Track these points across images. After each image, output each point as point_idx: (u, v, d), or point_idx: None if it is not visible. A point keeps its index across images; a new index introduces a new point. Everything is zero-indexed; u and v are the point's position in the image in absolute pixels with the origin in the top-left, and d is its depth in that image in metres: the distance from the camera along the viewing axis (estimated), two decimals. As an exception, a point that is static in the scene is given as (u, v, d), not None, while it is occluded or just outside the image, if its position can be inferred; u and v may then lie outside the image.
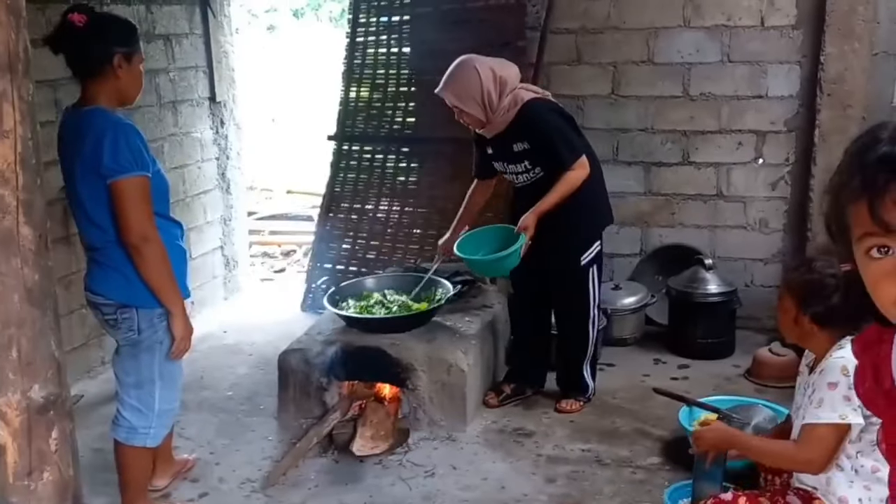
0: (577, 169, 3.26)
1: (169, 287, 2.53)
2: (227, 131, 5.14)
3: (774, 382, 3.71)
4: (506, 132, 3.31)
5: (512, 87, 3.26)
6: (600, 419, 3.50)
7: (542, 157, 3.28)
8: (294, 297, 5.06)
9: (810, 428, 2.16)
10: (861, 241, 0.96)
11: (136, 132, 2.49)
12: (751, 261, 4.40)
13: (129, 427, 2.68)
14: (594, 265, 3.46)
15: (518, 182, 3.43)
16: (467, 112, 3.27)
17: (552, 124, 3.27)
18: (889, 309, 0.97)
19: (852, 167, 0.98)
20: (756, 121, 4.28)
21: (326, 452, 3.28)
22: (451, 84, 3.26)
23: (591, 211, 3.43)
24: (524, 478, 3.07)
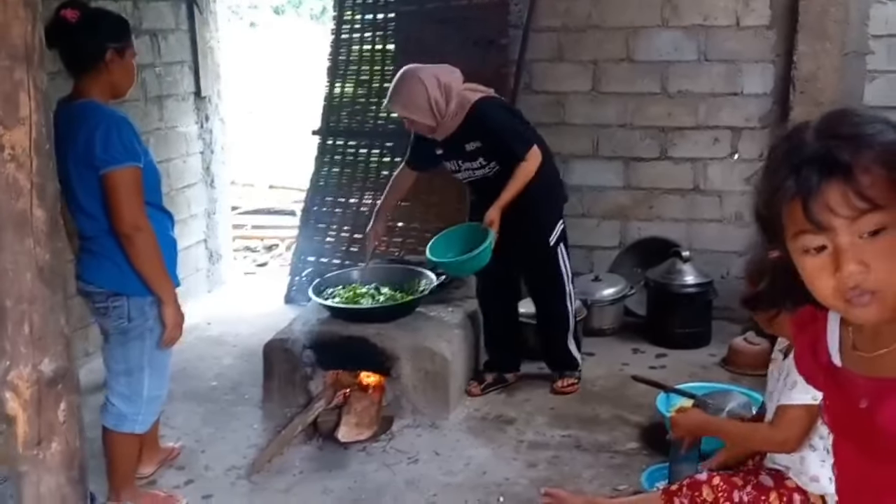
0: (530, 159, 3.37)
1: (160, 276, 2.57)
2: (211, 126, 5.17)
3: (749, 370, 3.80)
4: (457, 133, 3.41)
5: (457, 90, 3.37)
6: (580, 406, 3.58)
7: (496, 152, 3.39)
8: (277, 290, 5.10)
9: (784, 409, 2.23)
10: (796, 239, 1.00)
11: (129, 124, 2.54)
12: (726, 253, 4.50)
13: (118, 414, 2.72)
14: (561, 242, 3.59)
15: (474, 177, 3.53)
16: (417, 121, 3.38)
17: (501, 121, 3.40)
18: (828, 300, 1.01)
19: (784, 168, 0.99)
20: (731, 117, 4.39)
21: (311, 440, 3.33)
22: (398, 96, 3.39)
23: (549, 193, 3.56)
24: (506, 463, 3.14)
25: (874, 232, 0.95)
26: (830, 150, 0.96)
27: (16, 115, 1.51)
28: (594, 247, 4.65)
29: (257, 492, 3.03)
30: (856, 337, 1.12)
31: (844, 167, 0.95)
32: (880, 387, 1.08)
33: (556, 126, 4.51)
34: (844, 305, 1.00)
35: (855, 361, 1.13)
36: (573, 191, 4.52)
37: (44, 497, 1.64)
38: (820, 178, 0.95)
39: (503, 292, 3.75)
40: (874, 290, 0.97)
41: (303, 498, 2.97)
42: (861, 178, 0.94)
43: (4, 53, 1.49)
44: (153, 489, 3.00)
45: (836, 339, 1.17)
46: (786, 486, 2.29)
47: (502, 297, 3.76)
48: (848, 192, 0.94)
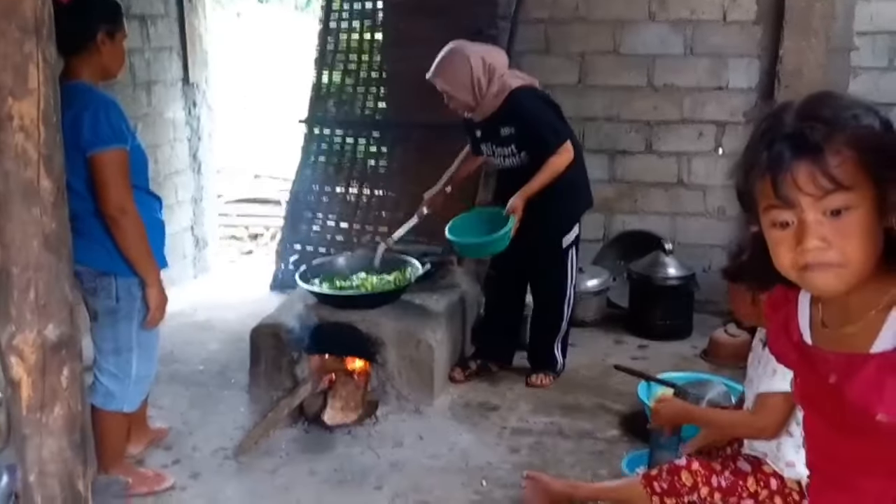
0: (561, 154, 3.38)
1: (145, 258, 2.59)
2: (199, 113, 5.17)
3: (729, 362, 3.86)
4: (493, 117, 3.42)
5: (500, 73, 3.37)
6: (563, 394, 3.64)
7: (528, 142, 3.40)
8: (263, 277, 5.12)
9: (764, 397, 2.28)
10: (766, 213, 1.06)
11: (117, 107, 2.56)
12: (709, 247, 4.57)
13: (107, 392, 2.74)
14: (573, 247, 3.61)
15: (505, 165, 3.54)
16: (457, 98, 3.38)
17: (537, 111, 3.41)
18: (787, 271, 1.07)
19: (759, 145, 1.05)
20: (717, 112, 4.45)
21: (297, 423, 3.36)
22: (442, 70, 3.37)
23: (574, 195, 3.57)
24: (488, 448, 3.19)
25: (837, 211, 1.00)
26: (804, 130, 1.01)
27: (25, 86, 1.54)
28: (579, 238, 4.69)
29: (244, 472, 3.06)
30: (825, 314, 1.17)
31: (815, 147, 0.99)
32: (849, 362, 1.12)
33: (543, 118, 4.54)
34: (800, 273, 1.05)
35: (824, 338, 1.17)
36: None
37: (46, 460, 1.68)
38: (791, 155, 1.00)
39: (515, 286, 3.77)
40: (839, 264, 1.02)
41: (289, 478, 3.00)
42: (830, 159, 0.99)
43: (15, 26, 1.52)
44: (141, 469, 3.02)
45: (806, 317, 1.22)
46: (763, 472, 2.35)
47: (512, 291, 3.78)
48: (816, 172, 0.99)
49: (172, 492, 2.91)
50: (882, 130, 1.03)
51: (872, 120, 1.03)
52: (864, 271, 1.04)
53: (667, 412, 2.59)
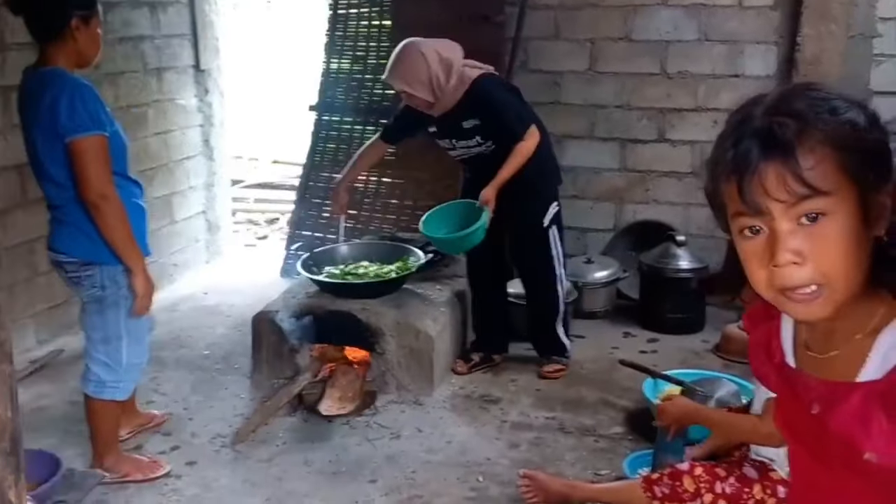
0: (528, 139, 3.35)
1: (128, 244, 2.58)
2: (211, 99, 5.17)
3: (742, 358, 3.75)
4: (454, 110, 3.37)
5: (457, 66, 3.33)
6: (566, 388, 3.58)
7: (493, 130, 3.36)
8: (274, 262, 5.12)
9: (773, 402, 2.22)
10: (734, 220, 0.93)
11: (93, 92, 2.55)
12: (722, 239, 4.39)
13: (98, 381, 2.75)
14: (554, 225, 3.56)
15: (469, 155, 3.50)
16: (415, 96, 3.34)
17: (501, 99, 3.36)
18: (763, 291, 0.94)
19: (727, 142, 0.92)
20: (732, 100, 4.21)
21: (296, 412, 3.36)
22: (398, 69, 3.34)
23: (544, 174, 3.54)
24: (488, 442, 3.15)
25: (814, 217, 0.87)
26: (772, 126, 0.88)
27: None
28: (587, 229, 4.63)
29: (240, 461, 3.05)
30: (809, 336, 1.05)
31: (785, 145, 0.87)
32: (832, 390, 1.00)
33: (552, 106, 4.47)
34: (781, 299, 0.92)
35: (809, 362, 1.06)
36: (567, 172, 4.46)
37: None
38: (758, 155, 0.88)
39: (493, 272, 3.75)
40: (819, 283, 0.89)
41: (284, 468, 3.00)
42: (803, 160, 0.86)
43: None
44: (138, 454, 3.03)
45: (790, 337, 1.10)
46: (770, 479, 2.26)
47: (492, 278, 3.76)
48: (786, 174, 0.86)
49: (168, 479, 2.91)
50: (864, 126, 0.90)
51: (855, 114, 0.90)
52: (850, 288, 0.91)
53: (673, 411, 2.51)
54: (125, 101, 4.45)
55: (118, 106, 4.38)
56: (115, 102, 4.36)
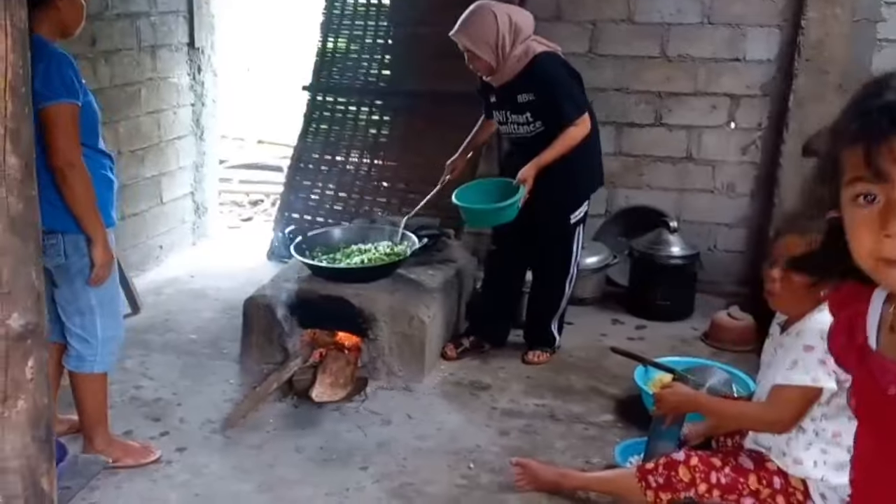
0: (578, 125, 3.28)
1: (91, 214, 2.57)
2: (203, 78, 5.08)
3: (731, 346, 3.78)
4: (513, 82, 3.30)
5: (525, 35, 3.26)
6: (556, 376, 3.57)
7: (545, 110, 3.29)
8: (261, 245, 5.07)
9: (780, 389, 2.17)
10: (850, 186, 0.95)
11: (70, 62, 2.53)
12: (715, 225, 4.45)
13: (77, 355, 2.75)
14: (581, 224, 3.51)
15: (517, 134, 3.43)
16: (479, 57, 3.26)
17: (559, 79, 3.29)
18: (864, 260, 0.96)
19: (853, 112, 0.96)
20: (732, 84, 4.29)
21: (286, 397, 3.33)
22: (467, 27, 3.25)
23: (586, 171, 3.47)
24: (478, 429, 3.14)
25: None
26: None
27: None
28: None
29: (230, 447, 3.03)
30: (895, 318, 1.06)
31: None
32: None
33: (549, 89, 4.41)
34: (883, 268, 0.94)
35: (890, 345, 1.07)
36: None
37: (8, 457, 1.59)
38: (888, 126, 0.91)
39: (517, 263, 3.68)
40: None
41: (274, 454, 2.98)
42: None
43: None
44: (127, 440, 3.00)
45: (876, 320, 1.10)
46: (766, 469, 2.26)
47: (514, 269, 3.69)
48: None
49: (158, 465, 2.89)
50: None
51: None
52: None
53: (672, 399, 2.46)
54: (120, 80, 4.37)
55: (113, 85, 4.31)
56: (111, 81, 4.29)
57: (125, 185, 4.50)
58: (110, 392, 3.27)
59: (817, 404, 2.17)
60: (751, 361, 3.59)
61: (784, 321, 2.32)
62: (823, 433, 2.18)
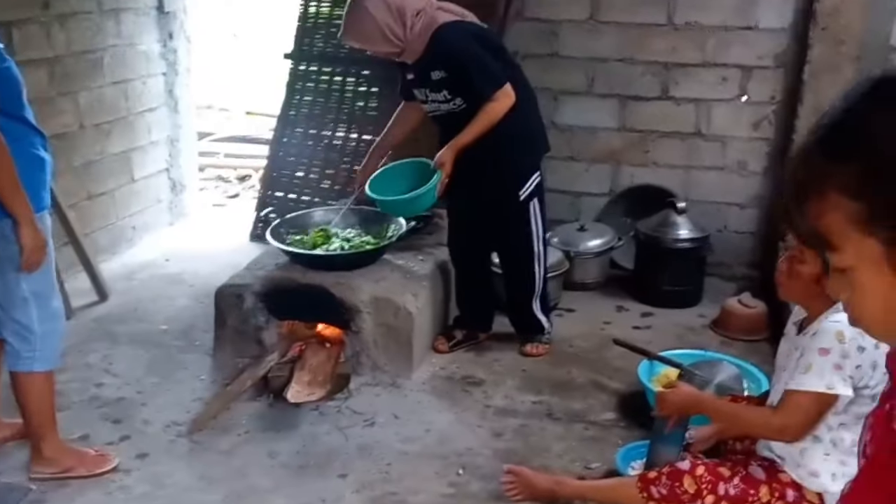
0: (498, 100, 3.00)
1: (14, 193, 2.30)
2: (176, 45, 4.76)
3: (742, 335, 3.53)
4: (423, 58, 3.04)
5: (416, 10, 2.99)
6: (554, 369, 3.31)
7: (461, 86, 3.01)
8: (244, 225, 4.78)
9: (792, 394, 1.97)
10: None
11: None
12: (726, 205, 4.17)
13: (14, 353, 2.50)
14: (534, 198, 3.22)
15: (440, 112, 3.15)
16: (377, 50, 3.06)
17: (467, 51, 2.99)
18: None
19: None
20: (743, 54, 3.98)
21: (261, 396, 3.07)
22: (348, 29, 3.07)
23: (524, 142, 3.18)
24: (469, 430, 2.88)
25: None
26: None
27: None
28: (581, 193, 4.31)
29: (197, 452, 2.78)
30: None
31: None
32: None
33: (548, 58, 4.12)
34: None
35: None
36: (562, 131, 4.18)
37: None
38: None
39: (474, 245, 3.41)
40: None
41: (245, 461, 2.73)
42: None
43: None
44: (84, 445, 2.74)
45: None
46: (779, 480, 2.07)
47: (473, 250, 3.43)
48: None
49: (115, 474, 2.63)
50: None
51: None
52: None
53: (675, 400, 2.24)
54: (79, 47, 4.04)
55: (71, 52, 3.99)
56: (68, 48, 3.96)
57: (90, 161, 4.23)
58: (68, 391, 3.04)
59: (833, 412, 1.98)
60: (762, 352, 3.38)
61: (801, 320, 2.12)
62: (841, 443, 2.00)
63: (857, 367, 1.92)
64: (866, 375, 1.93)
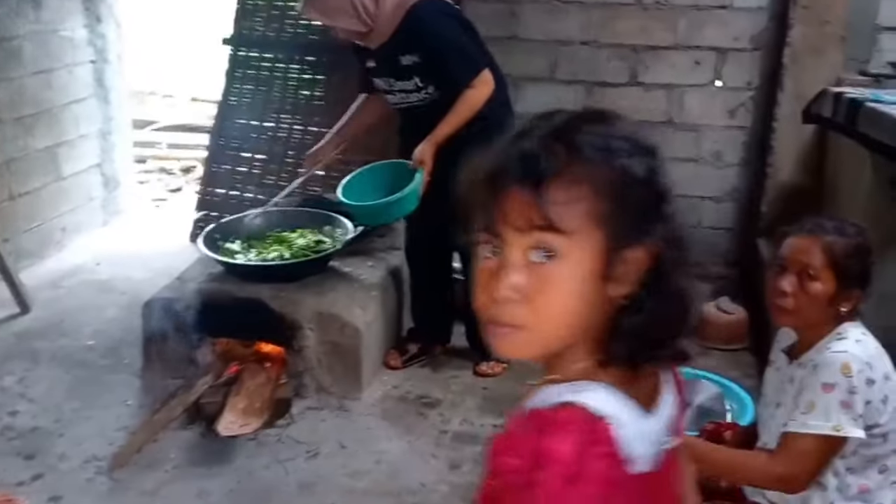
0: (478, 87, 2.71)
1: None
2: (104, 30, 4.37)
3: (721, 344, 3.27)
4: (391, 41, 2.71)
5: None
6: (518, 385, 3.01)
7: (435, 72, 2.70)
8: (185, 223, 4.42)
9: (794, 437, 1.68)
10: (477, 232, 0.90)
11: None
12: (700, 199, 3.92)
13: None
14: None
15: (408, 104, 2.84)
16: (342, 28, 2.71)
17: (446, 33, 2.69)
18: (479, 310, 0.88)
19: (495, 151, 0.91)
20: (717, 36, 3.71)
21: (192, 424, 2.76)
22: (314, 1, 2.70)
23: (498, 134, 2.86)
24: (423, 462, 2.60)
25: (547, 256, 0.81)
26: (541, 154, 0.83)
27: None
28: (549, 187, 4.02)
29: (118, 492, 2.47)
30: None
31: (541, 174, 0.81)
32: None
33: (507, 41, 3.81)
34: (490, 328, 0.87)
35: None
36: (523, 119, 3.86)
37: None
38: (514, 178, 0.83)
39: (437, 246, 3.12)
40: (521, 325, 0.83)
41: (172, 501, 2.42)
42: (553, 194, 0.80)
43: None
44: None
45: None
46: None
47: (434, 255, 3.13)
48: (532, 204, 0.80)
49: (21, 523, 2.31)
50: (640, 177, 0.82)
51: (635, 162, 0.82)
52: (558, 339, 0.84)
53: None
54: (-8, 32, 3.66)
55: (-17, 39, 3.60)
56: (-21, 35, 3.58)
57: (12, 159, 3.85)
58: (-27, 423, 2.70)
59: (840, 456, 1.69)
60: (743, 363, 3.16)
61: (791, 346, 1.84)
62: (848, 489, 1.73)
63: (867, 403, 1.66)
64: (877, 412, 1.67)
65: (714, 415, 2.53)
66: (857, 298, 1.73)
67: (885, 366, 1.72)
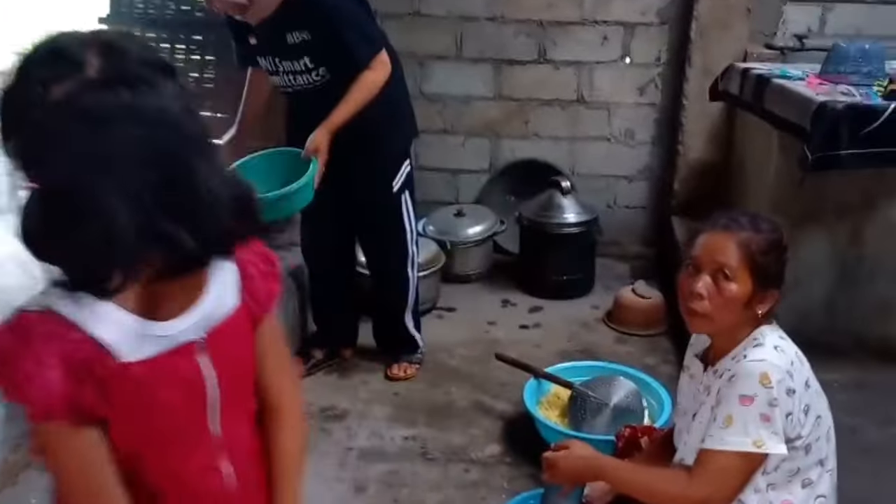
0: (375, 68, 2.49)
1: None
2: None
3: (638, 330, 3.19)
4: (276, 16, 2.44)
5: None
6: (431, 389, 2.86)
7: (329, 52, 2.45)
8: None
9: (711, 454, 1.56)
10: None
11: None
12: (614, 178, 3.81)
13: None
14: (406, 190, 2.74)
15: (296, 87, 2.58)
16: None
17: (341, 7, 2.43)
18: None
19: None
20: (624, 10, 3.59)
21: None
22: None
23: (397, 122, 2.69)
24: (326, 487, 2.38)
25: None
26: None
27: None
28: (458, 170, 3.85)
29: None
30: None
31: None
32: None
33: (410, 18, 3.61)
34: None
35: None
36: (431, 101, 3.69)
37: None
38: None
39: (337, 241, 2.90)
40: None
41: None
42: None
43: None
44: None
45: None
46: None
47: (336, 247, 2.91)
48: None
49: None
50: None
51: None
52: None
53: (568, 467, 1.76)
54: None
55: None
56: None
57: None
58: None
59: (761, 472, 1.57)
60: (661, 348, 3.10)
61: (704, 351, 1.72)
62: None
63: (788, 415, 1.53)
64: (798, 423, 1.55)
65: (631, 414, 2.42)
66: (773, 299, 1.61)
67: (805, 372, 1.61)
